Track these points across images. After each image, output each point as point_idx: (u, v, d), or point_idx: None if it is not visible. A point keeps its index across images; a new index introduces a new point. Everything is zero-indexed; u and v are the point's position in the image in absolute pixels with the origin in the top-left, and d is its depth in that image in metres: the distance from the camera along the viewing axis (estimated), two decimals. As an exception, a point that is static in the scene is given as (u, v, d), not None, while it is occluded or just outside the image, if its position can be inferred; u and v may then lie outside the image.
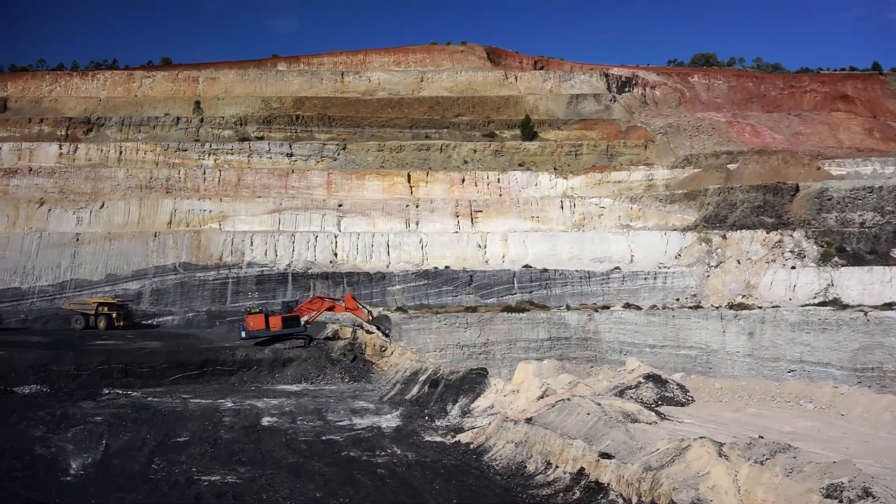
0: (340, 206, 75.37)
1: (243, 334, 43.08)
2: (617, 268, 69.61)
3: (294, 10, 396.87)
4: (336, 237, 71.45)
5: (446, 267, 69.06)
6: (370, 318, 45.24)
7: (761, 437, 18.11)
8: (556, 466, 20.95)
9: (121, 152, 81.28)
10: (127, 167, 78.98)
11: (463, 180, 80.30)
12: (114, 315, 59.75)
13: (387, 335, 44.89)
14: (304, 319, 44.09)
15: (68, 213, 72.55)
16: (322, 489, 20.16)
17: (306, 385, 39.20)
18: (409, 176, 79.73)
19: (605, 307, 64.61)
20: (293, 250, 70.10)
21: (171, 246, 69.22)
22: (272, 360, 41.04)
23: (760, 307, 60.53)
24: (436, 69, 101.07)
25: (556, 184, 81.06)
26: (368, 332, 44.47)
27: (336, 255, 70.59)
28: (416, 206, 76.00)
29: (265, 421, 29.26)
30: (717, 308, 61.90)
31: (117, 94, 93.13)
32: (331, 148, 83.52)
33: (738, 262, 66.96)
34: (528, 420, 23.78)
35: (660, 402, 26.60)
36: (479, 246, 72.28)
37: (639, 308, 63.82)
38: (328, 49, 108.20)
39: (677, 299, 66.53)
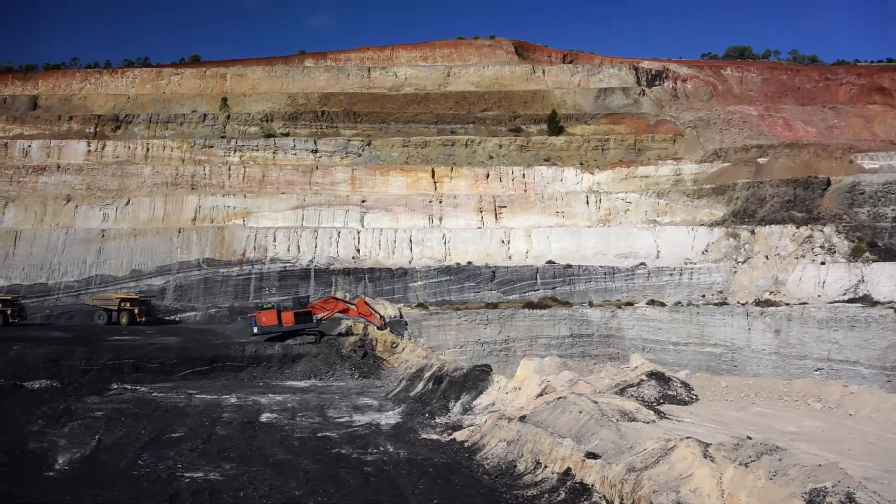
0: (364, 201, 75.11)
1: (255, 330, 42.98)
2: (642, 263, 68.48)
3: (331, 8, 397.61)
4: (359, 233, 71.21)
5: (469, 263, 68.48)
6: (383, 322, 44.78)
7: (749, 438, 17.35)
8: (545, 466, 20.37)
9: (148, 149, 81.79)
10: (153, 164, 79.45)
11: (487, 175, 79.57)
12: (136, 311, 60.03)
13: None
14: (317, 317, 43.89)
15: (95, 209, 73.19)
16: (303, 487, 19.82)
17: (315, 381, 38.98)
18: (433, 171, 79.17)
19: (629, 304, 63.61)
20: (316, 246, 70.00)
21: (195, 242, 69.50)
22: (282, 356, 40.90)
23: (788, 304, 59.11)
24: (463, 64, 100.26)
25: (581, 179, 79.96)
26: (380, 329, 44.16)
27: (359, 250, 70.36)
28: (440, 202, 75.50)
29: (264, 417, 29.07)
30: (742, 305, 60.58)
31: (146, 91, 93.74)
32: (355, 144, 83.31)
33: (767, 257, 65.51)
34: (522, 418, 23.22)
35: (662, 401, 25.84)
36: (503, 242, 71.59)
37: (663, 304, 62.73)
38: (357, 45, 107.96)
39: (703, 296, 65.23)
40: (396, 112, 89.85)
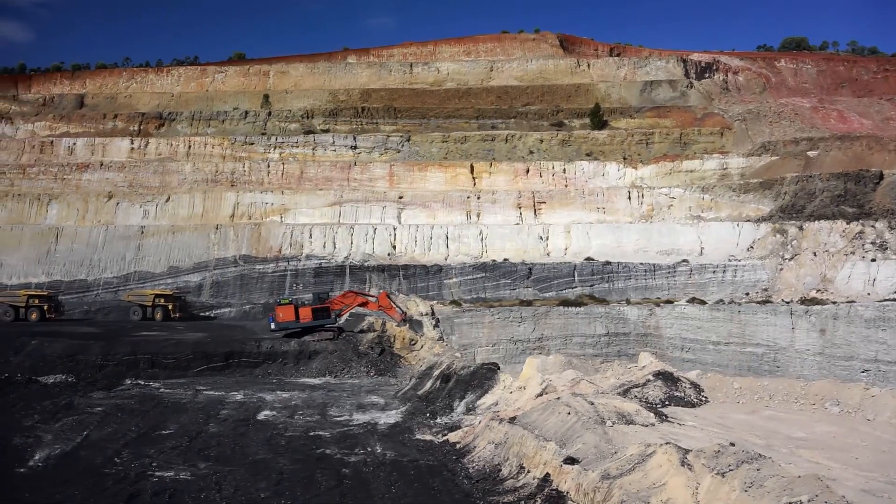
0: (401, 198, 74.37)
1: (272, 326, 42.48)
2: (684, 260, 66.39)
3: (392, 9, 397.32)
4: (395, 229, 70.51)
5: (505, 259, 67.24)
6: (403, 318, 43.76)
7: (732, 445, 15.96)
8: (528, 471, 19.21)
9: (189, 147, 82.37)
10: (194, 161, 79.99)
11: (527, 171, 78.16)
12: (170, 307, 60.40)
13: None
14: (335, 312, 43.18)
15: (135, 206, 73.93)
16: (272, 489, 19.02)
17: (329, 378, 38.28)
18: (472, 167, 78.09)
19: (668, 302, 61.71)
20: (351, 243, 69.54)
21: (231, 238, 69.63)
22: (297, 353, 40.28)
23: (835, 302, 56.57)
24: (506, 58, 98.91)
25: (624, 174, 78.03)
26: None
27: (394, 247, 69.68)
28: (478, 198, 74.35)
29: (262, 415, 28.38)
30: (787, 303, 58.20)
31: (190, 89, 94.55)
32: (395, 140, 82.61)
33: (815, 254, 62.89)
34: (512, 420, 22.07)
35: (667, 402, 24.38)
36: (541, 238, 70.14)
37: (703, 302, 60.67)
38: (400, 41, 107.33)
39: (747, 293, 62.96)
40: (437, 107, 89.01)
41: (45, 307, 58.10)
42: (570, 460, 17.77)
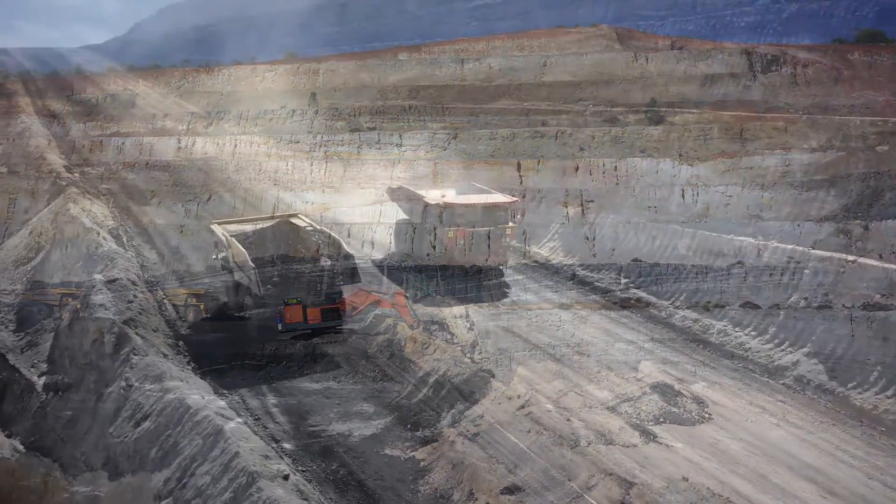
0: (443, 196, 72.06)
1: (280, 327, 40.75)
2: (739, 262, 62.36)
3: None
4: (435, 229, 68.22)
5: (547, 260, 64.37)
6: (416, 323, 41.37)
7: (685, 479, 13.22)
8: (477, 499, 16.78)
9: (235, 146, 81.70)
10: (238, 160, 79.25)
11: (576, 168, 74.94)
12: (201, 306, 59.49)
13: None
14: (346, 312, 41.22)
15: (177, 206, 73.42)
16: (184, 511, 16.98)
17: (331, 383, 36.13)
18: (518, 164, 75.27)
19: (718, 306, 57.91)
20: (390, 242, 67.66)
21: (269, 238, 68.41)
22: (302, 356, 38.39)
23: (900, 308, 52.07)
24: (560, 53, 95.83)
25: (679, 171, 74.01)
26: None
27: (434, 247, 67.43)
28: (523, 196, 71.49)
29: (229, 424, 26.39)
30: (847, 308, 53.84)
31: (240, 88, 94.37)
32: (441, 137, 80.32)
33: (881, 255, 58.25)
34: (474, 436, 19.58)
35: (661, 419, 21.53)
36: (587, 238, 66.98)
37: (756, 307, 56.73)
38: (453, 37, 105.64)
39: (806, 298, 58.68)
40: (487, 104, 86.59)
41: (79, 306, 57.86)
42: (509, 490, 15.27)
